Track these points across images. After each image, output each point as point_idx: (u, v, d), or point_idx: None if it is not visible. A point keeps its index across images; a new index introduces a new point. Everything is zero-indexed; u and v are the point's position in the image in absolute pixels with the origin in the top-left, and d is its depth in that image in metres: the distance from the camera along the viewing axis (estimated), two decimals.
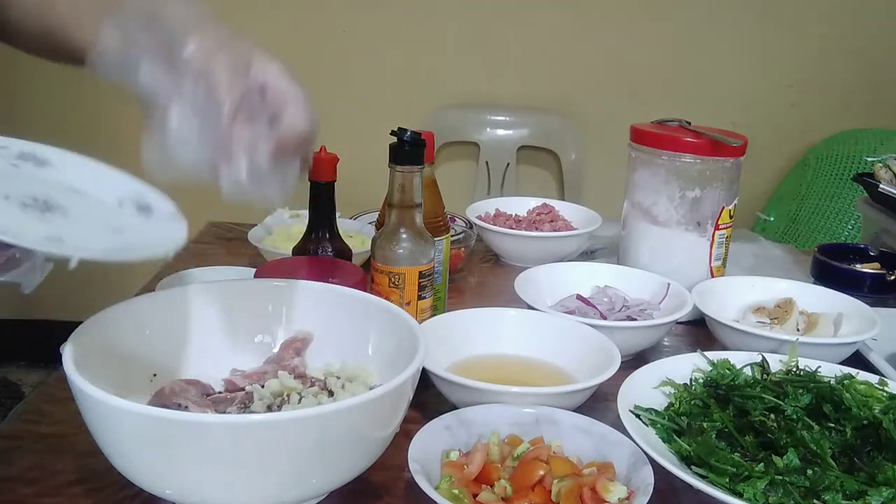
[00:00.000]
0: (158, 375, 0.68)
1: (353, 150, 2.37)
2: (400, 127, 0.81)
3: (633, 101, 2.45)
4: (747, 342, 0.88)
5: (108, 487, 0.62)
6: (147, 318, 0.68)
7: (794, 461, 0.63)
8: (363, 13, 2.45)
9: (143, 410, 0.51)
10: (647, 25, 2.45)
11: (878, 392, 0.73)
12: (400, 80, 2.50)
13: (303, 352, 0.73)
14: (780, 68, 2.49)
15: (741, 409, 0.71)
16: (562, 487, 0.59)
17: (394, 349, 0.67)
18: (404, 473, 0.63)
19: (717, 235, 1.04)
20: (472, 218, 1.24)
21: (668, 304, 0.97)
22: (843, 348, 0.88)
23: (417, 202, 0.82)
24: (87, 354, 0.57)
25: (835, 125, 2.43)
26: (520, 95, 2.51)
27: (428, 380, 0.74)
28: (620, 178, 1.12)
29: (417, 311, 0.82)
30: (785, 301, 0.99)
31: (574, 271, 1.04)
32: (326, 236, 0.91)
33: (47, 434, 0.70)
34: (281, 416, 0.53)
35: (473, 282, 1.17)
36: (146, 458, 0.53)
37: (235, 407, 0.67)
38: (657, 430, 0.69)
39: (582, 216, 1.28)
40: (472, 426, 0.68)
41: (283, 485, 0.54)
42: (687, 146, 1.01)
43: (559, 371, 0.82)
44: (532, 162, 2.55)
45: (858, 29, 2.45)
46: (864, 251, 1.20)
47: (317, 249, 0.90)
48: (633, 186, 1.07)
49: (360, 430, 0.55)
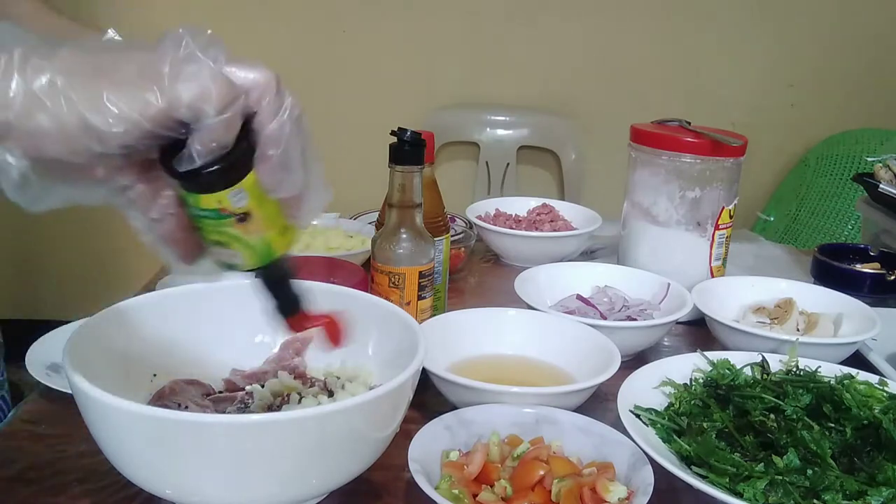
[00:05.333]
0: (158, 375, 0.68)
1: (352, 150, 2.39)
2: (400, 127, 0.81)
3: (633, 101, 2.45)
4: (747, 342, 0.88)
5: (108, 487, 0.62)
6: (147, 318, 0.68)
7: (794, 461, 0.63)
8: (363, 13, 2.45)
9: (143, 410, 0.51)
10: (647, 25, 2.45)
11: (878, 392, 0.73)
12: (400, 79, 2.50)
13: (303, 352, 0.73)
14: (780, 68, 2.49)
15: (741, 409, 0.71)
16: (562, 487, 0.59)
17: (394, 349, 0.67)
18: (404, 473, 0.63)
19: (717, 235, 1.04)
20: (472, 218, 1.24)
21: (668, 304, 0.97)
22: (843, 348, 0.88)
23: (417, 202, 0.82)
24: (87, 354, 0.57)
25: (835, 125, 2.43)
26: (520, 95, 2.51)
27: (428, 380, 0.74)
28: (620, 178, 1.12)
29: (417, 311, 0.82)
30: (785, 301, 0.99)
31: (574, 271, 1.04)
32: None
33: (47, 434, 0.70)
34: (281, 416, 0.53)
35: (473, 282, 1.17)
36: (146, 458, 0.53)
37: (235, 407, 0.67)
38: (657, 430, 0.69)
39: (582, 216, 1.28)
40: (472, 426, 0.68)
41: (283, 485, 0.54)
42: (687, 146, 1.01)
43: (559, 371, 0.82)
44: (532, 162, 2.55)
45: (858, 29, 2.46)
46: (864, 251, 1.20)
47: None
48: (633, 186, 1.07)
49: (360, 430, 0.55)
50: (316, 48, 2.46)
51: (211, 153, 0.42)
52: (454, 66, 2.50)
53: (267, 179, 0.45)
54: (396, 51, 2.48)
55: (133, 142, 0.40)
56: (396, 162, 0.80)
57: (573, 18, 2.44)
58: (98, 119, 0.39)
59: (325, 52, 2.47)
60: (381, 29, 2.47)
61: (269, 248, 0.48)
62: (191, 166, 0.42)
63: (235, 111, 0.42)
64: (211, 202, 0.44)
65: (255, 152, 0.44)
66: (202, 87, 0.40)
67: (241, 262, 0.48)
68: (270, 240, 0.48)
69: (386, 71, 2.49)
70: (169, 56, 0.40)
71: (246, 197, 0.45)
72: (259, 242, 0.47)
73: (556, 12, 2.44)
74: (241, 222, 0.46)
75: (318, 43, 2.46)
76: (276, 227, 0.48)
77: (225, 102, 0.41)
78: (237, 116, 0.42)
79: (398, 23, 2.46)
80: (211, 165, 0.43)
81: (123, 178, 0.44)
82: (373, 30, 2.46)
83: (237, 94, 0.41)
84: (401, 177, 0.80)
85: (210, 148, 0.42)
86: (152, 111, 0.40)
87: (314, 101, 2.53)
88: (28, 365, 0.80)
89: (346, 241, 1.14)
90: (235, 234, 0.46)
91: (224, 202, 0.44)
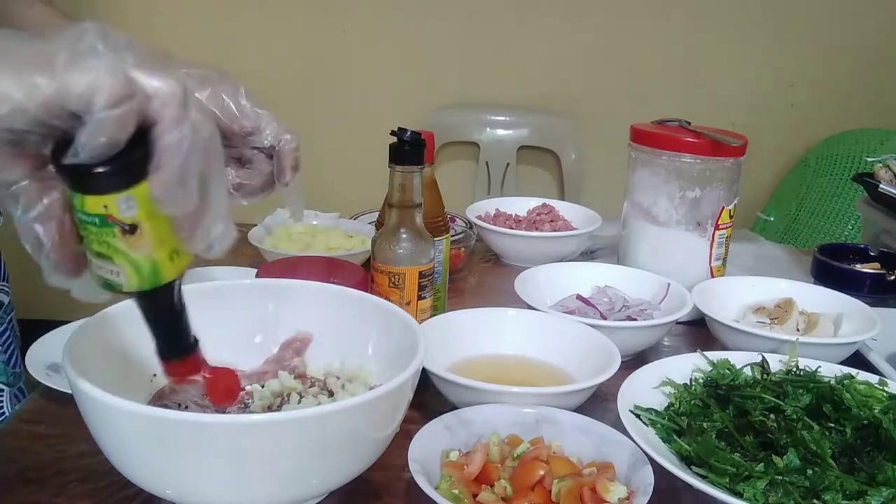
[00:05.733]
0: (158, 375, 0.68)
1: (353, 149, 2.38)
2: (400, 127, 0.81)
3: (633, 101, 2.46)
4: (747, 342, 0.88)
5: (108, 487, 0.62)
6: None
7: (794, 461, 0.63)
8: (363, 13, 2.45)
9: (143, 410, 0.51)
10: (647, 25, 2.45)
11: (878, 392, 0.73)
12: (400, 79, 2.50)
13: (303, 352, 0.73)
14: (780, 68, 2.49)
15: (741, 409, 0.71)
16: (562, 487, 0.59)
17: (394, 349, 0.67)
18: (404, 473, 0.63)
19: (717, 235, 1.04)
20: (472, 218, 1.24)
21: (668, 304, 0.97)
22: (843, 348, 0.88)
23: (417, 202, 0.82)
24: (87, 354, 0.57)
25: (835, 125, 2.43)
26: (520, 95, 2.51)
27: (428, 380, 0.74)
28: (620, 178, 1.12)
29: (417, 311, 0.82)
30: (785, 301, 0.99)
31: (574, 271, 1.04)
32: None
33: (47, 434, 0.70)
34: (281, 416, 0.53)
35: (473, 282, 1.17)
36: (146, 458, 0.53)
37: (235, 407, 0.67)
38: (657, 430, 0.69)
39: (582, 216, 1.28)
40: (472, 426, 0.68)
41: (283, 485, 0.54)
42: (687, 146, 1.01)
43: (559, 371, 0.82)
44: (532, 162, 2.55)
45: (858, 29, 2.46)
46: (864, 251, 1.20)
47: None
48: (633, 186, 1.07)
49: (360, 430, 0.55)
50: (316, 48, 2.46)
51: (98, 149, 0.40)
52: (454, 66, 2.50)
53: (158, 191, 0.42)
54: (396, 51, 2.48)
55: (19, 126, 0.39)
56: (396, 162, 0.80)
57: (573, 18, 2.44)
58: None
59: (325, 52, 2.47)
60: (381, 29, 2.47)
61: (157, 270, 0.45)
62: (74, 160, 0.40)
63: (129, 109, 0.40)
64: (97, 206, 0.42)
65: (149, 161, 0.42)
66: (95, 78, 0.39)
67: (123, 280, 0.45)
68: (158, 260, 0.45)
69: (386, 71, 2.49)
70: (69, 47, 0.39)
71: (135, 206, 0.42)
72: (145, 261, 0.44)
73: (556, 12, 2.44)
74: (127, 234, 0.43)
75: (318, 43, 2.46)
76: (166, 248, 0.45)
77: (116, 98, 0.39)
78: (131, 115, 0.40)
79: (398, 23, 2.46)
80: (100, 165, 0.41)
81: (11, 171, 0.42)
82: (373, 30, 2.46)
83: (133, 93, 0.40)
84: (401, 177, 0.80)
85: (98, 143, 0.40)
86: (39, 96, 0.38)
87: (314, 101, 2.53)
88: (28, 365, 0.80)
89: (346, 241, 1.14)
90: (120, 248, 0.43)
91: (111, 208, 0.42)
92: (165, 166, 0.42)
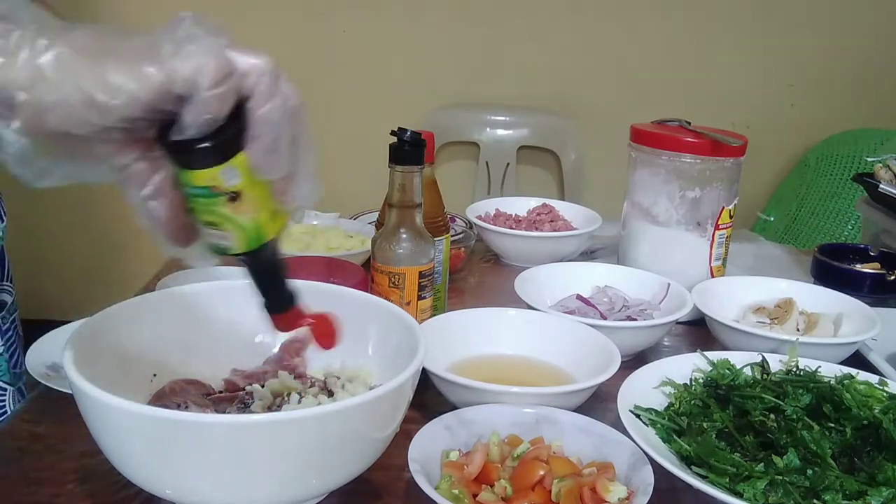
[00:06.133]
0: (158, 375, 0.68)
1: (353, 150, 2.38)
2: (400, 127, 0.81)
3: (633, 101, 2.45)
4: (747, 342, 0.88)
5: (108, 487, 0.62)
6: (147, 318, 0.68)
7: (794, 461, 0.63)
8: (363, 13, 2.45)
9: (143, 410, 0.51)
10: (647, 25, 2.45)
11: (878, 392, 0.73)
12: (400, 79, 2.50)
13: (303, 352, 0.73)
14: (780, 68, 2.49)
15: (741, 409, 0.71)
16: (562, 487, 0.59)
17: (394, 349, 0.67)
18: (404, 473, 0.63)
19: (717, 235, 1.04)
20: (472, 218, 1.24)
21: (668, 304, 0.97)
22: (843, 348, 0.88)
23: (417, 202, 0.82)
24: (87, 354, 0.57)
25: (835, 125, 2.43)
26: (520, 95, 2.51)
27: (428, 380, 0.74)
28: (620, 178, 1.12)
29: (417, 311, 0.82)
30: (785, 301, 0.99)
31: (574, 271, 1.04)
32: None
33: (47, 434, 0.70)
34: (281, 416, 0.53)
35: (473, 282, 1.17)
36: (146, 458, 0.53)
37: (235, 407, 0.67)
38: (657, 430, 0.69)
39: (582, 216, 1.28)
40: (472, 426, 0.68)
41: (284, 485, 0.54)
42: (687, 146, 1.01)
43: (559, 371, 0.82)
44: (532, 162, 2.55)
45: (858, 29, 2.46)
46: (864, 251, 1.20)
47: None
48: (633, 186, 1.08)
49: (360, 430, 0.55)
50: (316, 48, 2.46)
51: (203, 126, 0.43)
52: (454, 66, 2.50)
53: (256, 159, 0.46)
54: (396, 51, 2.48)
55: (133, 114, 0.42)
56: (396, 162, 0.80)
57: (573, 18, 2.44)
58: (99, 92, 0.41)
59: (325, 52, 2.47)
60: (381, 29, 2.47)
61: (260, 231, 0.49)
62: (181, 136, 0.43)
63: (229, 87, 0.43)
64: (204, 179, 0.46)
65: (246, 132, 0.46)
66: (199, 61, 0.42)
67: (232, 244, 0.49)
68: (261, 221, 0.49)
69: (386, 71, 2.49)
70: (170, 36, 0.43)
71: (237, 175, 0.46)
72: (250, 223, 0.48)
73: (556, 12, 2.44)
74: (232, 201, 0.47)
75: (318, 43, 2.46)
76: (267, 209, 0.49)
77: (219, 77, 0.42)
78: (230, 92, 0.43)
79: (398, 23, 2.46)
80: (203, 141, 0.44)
81: (124, 155, 0.45)
82: (372, 30, 2.46)
83: (231, 71, 0.43)
84: (401, 177, 0.80)
85: (202, 119, 0.43)
86: (151, 84, 0.41)
87: (314, 102, 2.52)
88: (28, 365, 0.80)
89: (346, 241, 1.14)
90: (227, 214, 0.47)
91: (216, 180, 0.46)
92: (262, 136, 0.45)
